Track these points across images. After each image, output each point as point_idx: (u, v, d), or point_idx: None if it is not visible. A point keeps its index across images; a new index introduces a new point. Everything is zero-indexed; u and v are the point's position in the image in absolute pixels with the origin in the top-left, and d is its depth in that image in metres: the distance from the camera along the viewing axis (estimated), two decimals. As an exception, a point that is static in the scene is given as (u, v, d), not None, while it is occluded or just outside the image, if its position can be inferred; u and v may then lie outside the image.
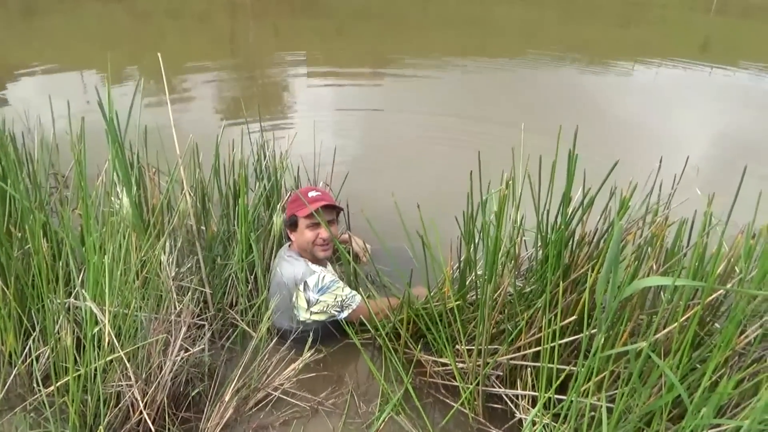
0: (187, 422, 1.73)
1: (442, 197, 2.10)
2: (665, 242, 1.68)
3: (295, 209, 2.05)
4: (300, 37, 8.72)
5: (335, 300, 1.98)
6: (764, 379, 1.42)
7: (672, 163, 1.97)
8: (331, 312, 2.00)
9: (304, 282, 1.97)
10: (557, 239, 1.60)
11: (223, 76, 6.11)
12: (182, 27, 9.43)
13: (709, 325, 1.65)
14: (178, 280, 1.90)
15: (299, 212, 2.03)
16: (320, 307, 1.98)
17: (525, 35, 9.63)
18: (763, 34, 10.60)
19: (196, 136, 2.19)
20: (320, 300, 1.97)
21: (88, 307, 1.51)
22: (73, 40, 8.02)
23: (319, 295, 1.97)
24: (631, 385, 1.39)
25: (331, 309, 1.99)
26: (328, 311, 1.99)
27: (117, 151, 1.72)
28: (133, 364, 1.62)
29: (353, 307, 2.00)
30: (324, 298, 1.97)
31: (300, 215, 2.03)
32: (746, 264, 1.42)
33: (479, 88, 6.01)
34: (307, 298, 1.98)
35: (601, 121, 4.77)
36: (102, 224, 1.77)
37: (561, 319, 1.55)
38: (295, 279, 1.98)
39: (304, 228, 2.04)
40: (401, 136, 4.39)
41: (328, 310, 1.99)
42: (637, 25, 11.04)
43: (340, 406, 1.83)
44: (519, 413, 1.68)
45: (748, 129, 4.77)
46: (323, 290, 1.97)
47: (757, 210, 1.64)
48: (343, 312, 2.00)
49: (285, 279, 2.00)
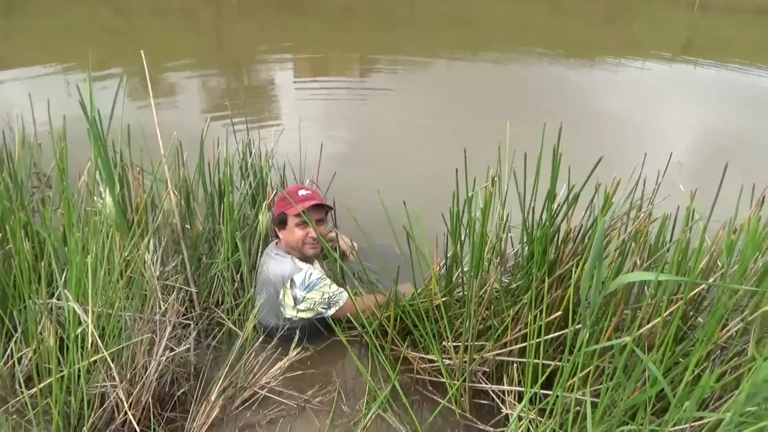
0: (172, 422, 1.72)
1: (429, 195, 2.10)
2: (649, 238, 1.69)
3: (285, 207, 2.04)
4: (286, 34, 8.68)
5: (322, 297, 1.98)
6: (745, 372, 1.44)
7: (657, 159, 1.99)
8: (318, 309, 1.99)
9: (290, 279, 1.96)
10: (542, 235, 1.61)
11: (209, 75, 6.07)
12: (167, 25, 9.34)
13: (692, 319, 1.67)
14: (163, 280, 1.89)
15: (289, 210, 2.02)
16: (307, 305, 1.97)
17: (511, 32, 9.67)
18: (743, 31, 10.74)
19: (182, 134, 2.18)
20: (307, 297, 1.96)
21: (71, 307, 1.49)
22: (55, 37, 7.91)
23: (306, 293, 1.96)
24: (615, 380, 1.40)
25: (318, 306, 1.98)
26: (315, 308, 1.99)
27: (99, 149, 1.70)
28: (118, 364, 1.60)
29: (340, 304, 2.00)
30: (311, 296, 1.97)
31: (290, 213, 2.02)
32: (728, 259, 1.44)
33: (466, 85, 6.03)
34: (293, 295, 1.97)
35: (587, 117, 4.81)
36: (85, 223, 1.75)
37: (546, 315, 1.56)
38: (282, 276, 1.97)
39: (294, 226, 2.03)
40: (388, 134, 4.39)
41: (315, 308, 1.98)
42: (622, 22, 11.14)
43: (327, 404, 1.82)
44: (505, 409, 1.69)
45: (731, 125, 4.83)
46: (310, 287, 1.97)
47: (739, 205, 1.66)
48: (330, 309, 2.00)
49: (272, 276, 1.99)
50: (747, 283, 1.55)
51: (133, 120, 2.10)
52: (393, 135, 4.35)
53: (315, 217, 2.04)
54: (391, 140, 4.26)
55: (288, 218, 2.04)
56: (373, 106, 5.10)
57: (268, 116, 4.78)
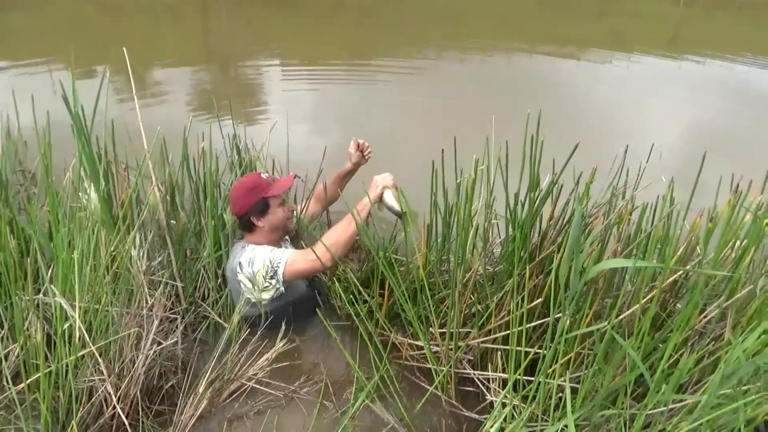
0: (161, 415, 1.73)
1: (417, 185, 2.12)
2: (630, 226, 1.73)
3: (262, 193, 2.01)
4: (274, 30, 8.64)
5: (264, 265, 1.93)
6: (723, 356, 1.48)
7: (642, 149, 2.01)
8: (269, 281, 1.95)
9: (238, 264, 1.96)
10: (525, 221, 1.63)
11: (195, 70, 6.03)
12: (153, 20, 9.26)
13: (672, 306, 1.71)
14: (150, 274, 1.89)
15: (269, 193, 2.01)
16: (260, 281, 1.94)
17: (501, 27, 9.69)
18: (728, 26, 10.83)
19: (167, 129, 2.17)
20: (255, 272, 1.93)
21: (57, 302, 1.50)
22: (39, 34, 7.82)
23: (252, 268, 1.93)
24: (596, 366, 1.43)
25: (267, 278, 1.94)
26: (268, 281, 1.94)
27: (83, 145, 1.70)
28: (105, 358, 1.61)
29: (284, 261, 1.94)
30: (256, 268, 1.93)
31: (270, 195, 2.01)
32: (705, 246, 1.48)
33: (456, 78, 6.04)
34: (247, 277, 1.95)
35: (575, 110, 4.85)
36: (70, 219, 1.75)
37: (529, 302, 1.58)
38: (231, 266, 1.99)
39: (277, 207, 2.04)
40: (376, 128, 4.39)
41: (267, 280, 1.94)
42: (610, 16, 11.19)
43: (315, 394, 1.84)
44: (490, 396, 1.72)
45: (714, 118, 4.88)
46: (252, 261, 1.94)
47: (718, 194, 1.70)
48: (277, 273, 1.94)
49: (228, 272, 2.02)
50: (723, 269, 1.59)
51: (118, 116, 2.10)
52: (382, 129, 4.36)
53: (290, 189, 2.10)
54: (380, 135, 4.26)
55: (270, 201, 2.03)
56: (362, 101, 5.10)
57: (255, 111, 4.77)
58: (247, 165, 2.43)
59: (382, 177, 2.06)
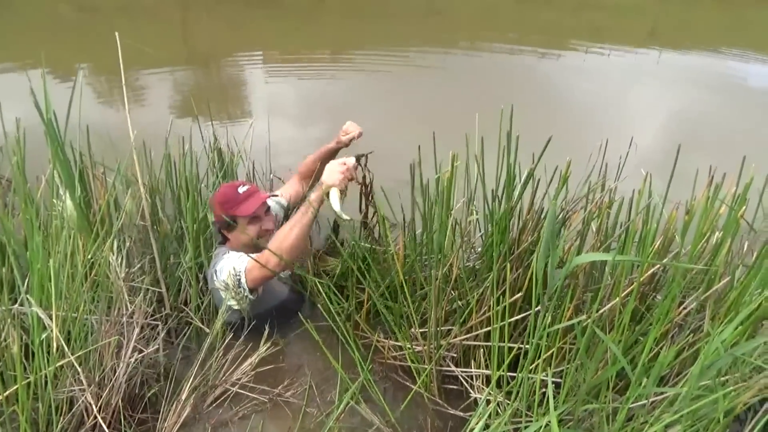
0: (144, 423, 1.71)
1: (397, 182, 2.11)
2: (609, 219, 1.74)
3: (231, 209, 1.95)
4: (255, 30, 8.57)
5: (230, 274, 1.86)
6: (702, 348, 1.49)
7: (623, 142, 2.01)
8: (237, 290, 1.88)
9: (213, 271, 1.93)
10: (502, 215, 1.63)
11: (176, 71, 5.96)
12: (132, 20, 9.14)
13: (651, 299, 1.72)
14: (129, 280, 1.87)
15: (238, 211, 1.95)
16: (233, 289, 1.87)
17: (482, 21, 9.70)
18: (706, 18, 10.96)
19: (148, 132, 2.14)
20: (225, 280, 1.88)
21: (34, 312, 1.47)
22: (12, 35, 7.67)
23: (222, 276, 1.89)
24: (577, 360, 1.44)
25: (234, 287, 1.87)
26: (236, 290, 1.88)
27: (57, 151, 1.68)
28: (85, 368, 1.59)
29: (245, 267, 1.86)
30: (224, 277, 1.88)
31: (240, 215, 1.95)
32: (682, 239, 1.49)
33: (438, 75, 6.03)
34: (219, 285, 1.91)
35: (555, 103, 4.87)
36: (47, 227, 1.72)
37: (509, 297, 1.59)
38: (209, 273, 1.97)
39: (246, 225, 1.98)
40: (359, 123, 4.37)
41: (236, 289, 1.88)
42: (589, 9, 11.26)
43: (299, 397, 1.84)
44: (474, 393, 1.73)
45: (693, 109, 4.94)
46: (222, 269, 1.89)
47: (695, 187, 1.71)
48: (242, 282, 1.87)
49: (207, 278, 2.00)
50: (701, 262, 1.61)
51: (97, 119, 2.07)
52: (364, 125, 4.34)
53: (262, 210, 2.00)
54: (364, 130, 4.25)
55: (238, 219, 1.97)
56: (345, 100, 5.08)
57: (236, 112, 4.72)
58: (228, 166, 2.40)
59: (336, 169, 1.92)
